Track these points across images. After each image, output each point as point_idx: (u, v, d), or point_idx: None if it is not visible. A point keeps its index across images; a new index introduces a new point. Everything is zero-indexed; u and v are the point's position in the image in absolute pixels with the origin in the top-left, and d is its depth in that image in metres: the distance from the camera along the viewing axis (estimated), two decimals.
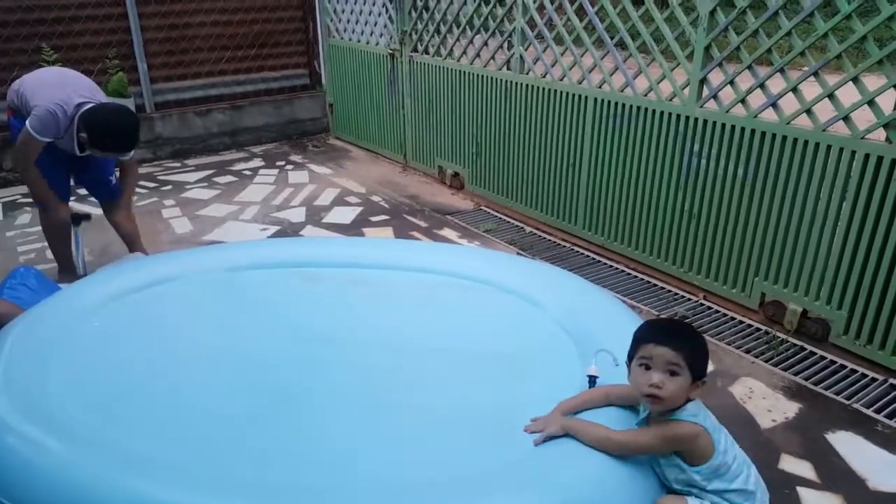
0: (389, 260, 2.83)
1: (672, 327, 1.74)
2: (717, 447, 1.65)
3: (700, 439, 1.63)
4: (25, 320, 2.27)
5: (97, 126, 2.90)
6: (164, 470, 1.66)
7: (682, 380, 1.61)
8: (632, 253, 3.72)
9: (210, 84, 5.87)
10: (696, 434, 1.63)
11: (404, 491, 1.62)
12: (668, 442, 1.65)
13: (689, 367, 1.62)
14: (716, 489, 1.67)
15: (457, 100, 4.66)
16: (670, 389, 1.61)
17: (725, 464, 1.66)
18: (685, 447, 1.65)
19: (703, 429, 1.63)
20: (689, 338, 1.66)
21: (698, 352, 1.65)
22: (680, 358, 1.61)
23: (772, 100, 2.94)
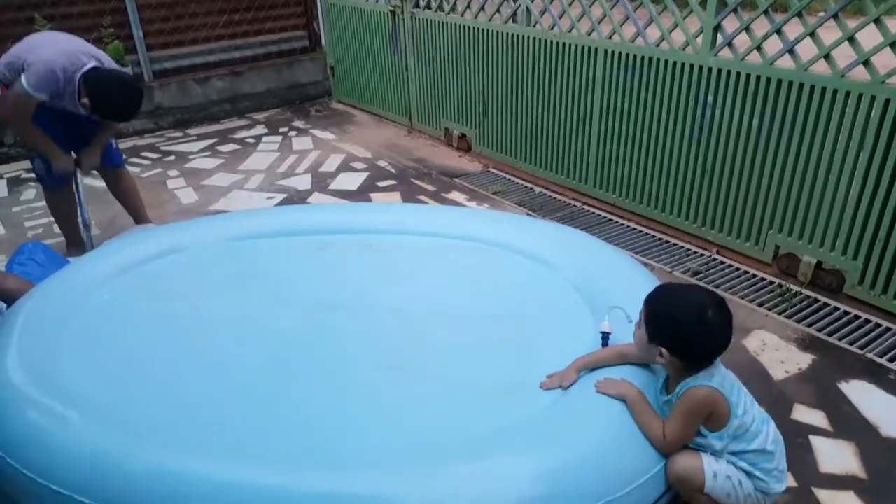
0: (398, 225, 2.80)
1: (663, 287, 1.73)
2: (734, 410, 1.63)
3: (719, 403, 1.62)
4: (37, 295, 2.27)
5: (101, 94, 2.84)
6: (177, 438, 1.68)
7: (640, 332, 1.68)
8: (644, 210, 3.67)
9: (208, 50, 5.76)
10: (706, 396, 1.61)
11: (417, 454, 1.63)
12: (689, 416, 1.64)
13: (646, 323, 1.66)
14: (733, 451, 1.67)
15: (462, 57, 4.55)
16: (635, 333, 1.71)
17: (744, 425, 1.65)
18: (704, 412, 1.63)
19: (715, 390, 1.61)
20: (655, 300, 1.67)
21: (655, 317, 1.65)
22: (643, 310, 1.68)
23: (788, 46, 2.85)
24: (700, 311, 1.60)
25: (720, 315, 1.60)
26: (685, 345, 1.62)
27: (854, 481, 2.03)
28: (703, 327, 1.59)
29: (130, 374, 1.95)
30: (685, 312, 1.61)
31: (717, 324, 1.60)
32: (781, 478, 1.72)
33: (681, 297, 1.67)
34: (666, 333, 1.63)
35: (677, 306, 1.64)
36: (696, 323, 1.59)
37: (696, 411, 1.63)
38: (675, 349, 1.62)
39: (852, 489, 2.00)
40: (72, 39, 3.03)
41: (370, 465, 1.59)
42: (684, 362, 1.64)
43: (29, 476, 1.64)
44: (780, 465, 1.72)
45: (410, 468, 1.58)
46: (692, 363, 1.64)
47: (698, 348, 1.62)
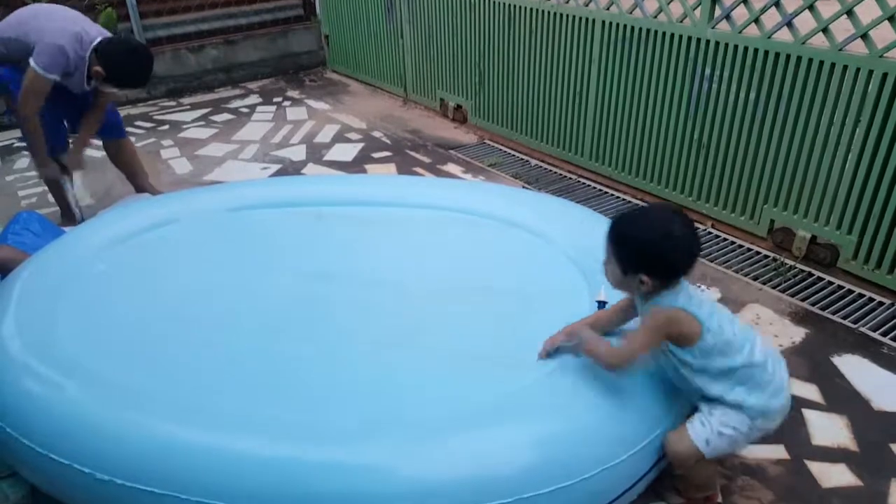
0: (394, 197, 2.80)
1: (620, 216, 1.67)
2: (706, 326, 1.60)
3: (682, 322, 1.60)
4: (32, 265, 2.27)
5: (119, 62, 2.85)
6: (171, 407, 1.69)
7: (612, 267, 1.64)
8: (639, 183, 3.67)
9: (201, 18, 5.67)
10: (672, 316, 1.60)
11: (411, 425, 1.64)
12: (653, 331, 1.62)
13: (614, 255, 1.62)
14: (720, 369, 1.63)
15: (458, 27, 4.50)
16: (606, 271, 1.67)
17: (721, 343, 1.61)
18: (670, 331, 1.62)
19: (681, 309, 1.60)
20: (618, 229, 1.62)
21: (622, 246, 1.61)
22: (608, 245, 1.64)
23: (787, 19, 2.83)
24: (665, 225, 1.58)
25: (684, 224, 1.59)
26: (660, 262, 1.58)
27: (846, 454, 2.06)
28: (673, 240, 1.57)
29: (125, 343, 1.96)
30: (652, 230, 1.59)
31: (684, 233, 1.58)
32: (780, 391, 1.68)
33: (642, 219, 1.64)
34: (639, 257, 1.59)
35: (642, 228, 1.60)
36: (665, 238, 1.57)
37: (658, 328, 1.62)
38: (652, 270, 1.58)
39: (844, 462, 2.03)
40: (68, 14, 2.98)
41: (363, 435, 1.60)
42: (663, 281, 1.60)
43: (26, 444, 1.66)
44: (775, 376, 1.67)
45: (405, 439, 1.60)
46: (671, 279, 1.61)
47: (673, 262, 1.58)
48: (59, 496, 1.73)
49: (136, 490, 1.54)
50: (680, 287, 1.62)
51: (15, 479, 1.92)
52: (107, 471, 1.57)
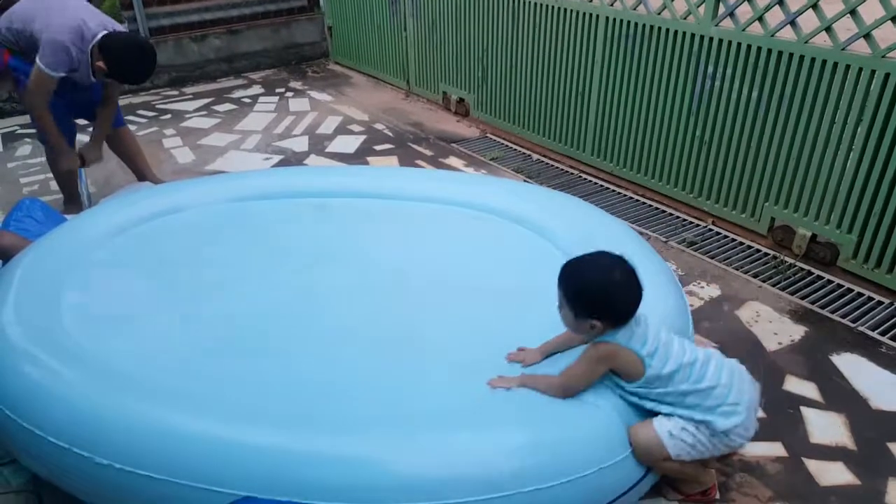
0: (397, 189, 2.80)
1: (569, 263, 1.74)
2: (647, 363, 1.66)
3: (618, 357, 1.67)
4: (34, 252, 2.27)
5: (121, 58, 2.84)
6: (170, 394, 1.70)
7: (564, 311, 1.70)
8: (641, 179, 3.68)
9: (204, 7, 5.66)
10: (611, 351, 1.67)
11: (408, 420, 1.65)
12: (590, 362, 1.69)
13: (567, 303, 1.68)
14: (662, 394, 1.69)
15: (462, 21, 4.49)
16: (562, 316, 1.72)
17: (664, 375, 1.67)
18: (610, 366, 1.70)
19: (619, 345, 1.66)
20: (566, 277, 1.69)
21: (572, 292, 1.67)
22: (559, 292, 1.70)
23: (790, 17, 2.83)
24: (608, 272, 1.66)
25: (626, 271, 1.66)
26: (607, 307, 1.65)
27: (844, 452, 2.07)
28: (615, 285, 1.65)
29: (126, 331, 1.97)
30: (595, 277, 1.67)
31: (626, 279, 1.65)
32: (732, 413, 1.69)
33: (586, 266, 1.70)
34: (587, 303, 1.66)
35: (587, 274, 1.68)
36: (608, 283, 1.65)
37: (594, 360, 1.69)
38: (601, 315, 1.65)
39: (842, 460, 2.04)
40: (70, 3, 2.95)
41: (358, 429, 1.61)
42: (612, 324, 1.66)
43: (27, 428, 1.67)
44: (726, 398, 1.69)
45: (400, 434, 1.60)
46: (620, 323, 1.67)
47: (619, 305, 1.65)
48: (58, 482, 1.74)
49: (133, 475, 1.55)
50: (628, 328, 1.68)
51: (16, 465, 1.93)
52: (105, 455, 1.58)
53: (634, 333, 1.69)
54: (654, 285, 2.08)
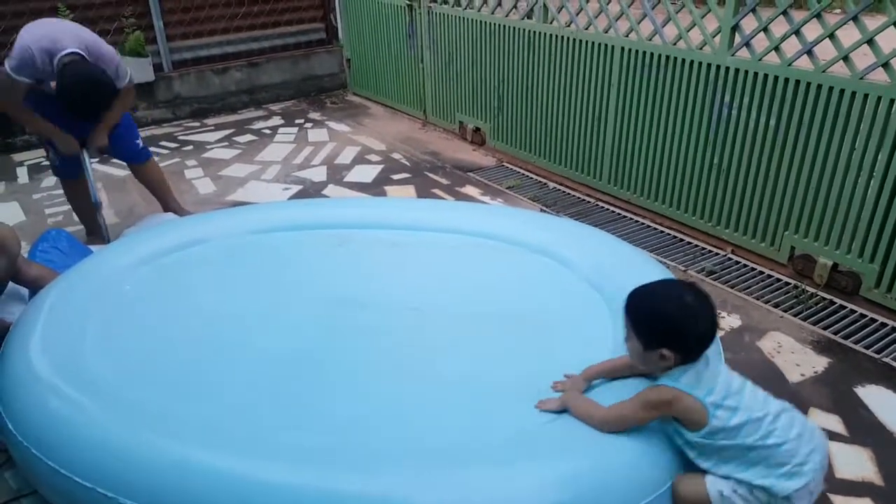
0: (417, 221, 2.81)
1: (638, 290, 1.67)
2: (713, 412, 1.55)
3: (679, 402, 1.57)
4: (60, 285, 2.31)
5: (64, 84, 2.78)
6: (195, 432, 1.70)
7: (632, 343, 1.64)
8: (658, 207, 3.67)
9: (226, 41, 5.80)
10: (672, 397, 1.57)
11: (433, 456, 1.63)
12: (644, 406, 1.60)
13: (636, 332, 1.62)
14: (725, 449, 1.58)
15: (478, 52, 4.56)
16: (629, 348, 1.66)
17: (731, 427, 1.55)
18: (665, 411, 1.60)
19: (681, 391, 1.56)
20: (634, 305, 1.63)
21: (641, 320, 1.61)
22: (627, 322, 1.64)
23: (807, 47, 2.84)
24: (681, 298, 1.59)
25: (698, 297, 1.59)
26: (679, 337, 1.57)
27: (870, 488, 2.02)
28: (689, 312, 1.57)
29: (151, 365, 1.99)
30: (668, 303, 1.59)
31: (700, 306, 1.58)
32: (797, 474, 1.56)
33: (657, 292, 1.64)
34: (659, 332, 1.58)
35: (658, 301, 1.61)
36: (682, 310, 1.57)
37: (650, 404, 1.60)
38: (673, 345, 1.57)
39: (868, 496, 2.00)
40: (65, 24, 2.99)
41: (384, 466, 1.59)
42: (684, 358, 1.58)
43: (51, 466, 1.67)
44: (793, 458, 1.57)
45: (426, 471, 1.58)
46: (692, 354, 1.58)
47: (693, 334, 1.57)
48: None
49: None
50: (694, 367, 1.59)
51: (37, 496, 1.94)
52: (130, 495, 1.57)
53: (702, 377, 1.58)
54: None
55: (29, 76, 2.84)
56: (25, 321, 2.12)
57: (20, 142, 4.92)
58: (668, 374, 1.60)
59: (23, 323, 2.12)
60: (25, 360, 1.93)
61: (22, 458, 1.80)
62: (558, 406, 1.75)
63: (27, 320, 2.12)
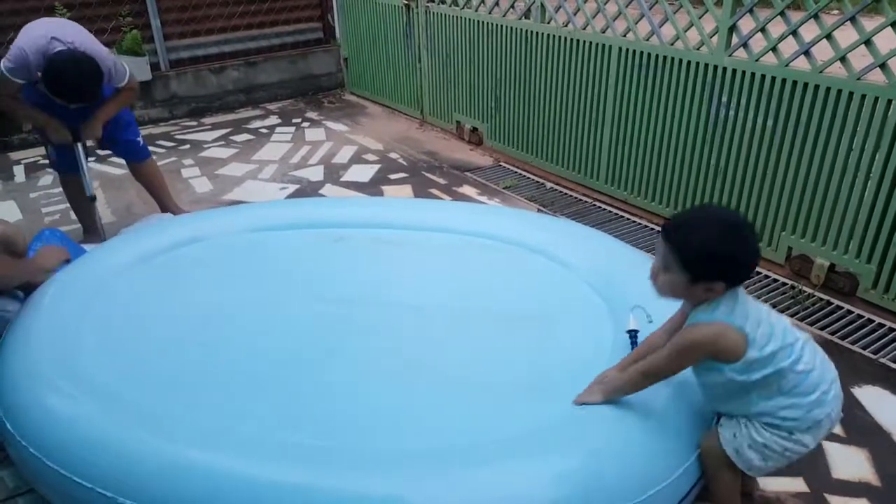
0: (414, 220, 2.81)
1: (679, 220, 1.58)
2: (750, 339, 1.50)
3: (723, 337, 1.50)
4: (57, 283, 2.30)
5: (50, 68, 2.76)
6: (191, 432, 1.70)
7: (673, 276, 1.53)
8: (655, 208, 3.67)
9: (224, 40, 5.79)
10: (715, 333, 1.50)
11: (431, 456, 1.62)
12: (685, 352, 1.54)
13: (682, 264, 1.50)
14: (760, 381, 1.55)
15: (475, 52, 4.55)
16: (660, 282, 1.57)
17: (766, 356, 1.52)
18: (709, 351, 1.53)
19: (724, 324, 1.50)
20: (683, 237, 1.51)
21: (691, 253, 1.49)
22: (669, 252, 1.52)
23: (804, 47, 2.84)
24: (729, 224, 1.51)
25: (741, 220, 1.53)
26: (733, 266, 1.49)
27: (867, 488, 2.02)
28: (740, 238, 1.49)
29: (148, 365, 1.98)
30: (721, 234, 1.48)
31: (745, 227, 1.52)
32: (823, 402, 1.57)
33: (702, 219, 1.55)
34: (714, 264, 1.48)
35: (713, 232, 1.49)
36: (733, 238, 1.49)
37: (691, 348, 1.54)
38: (725, 276, 1.48)
39: (865, 496, 1.99)
40: (62, 24, 2.98)
41: (383, 465, 1.58)
42: (729, 285, 1.50)
43: (49, 465, 1.67)
44: (819, 386, 1.56)
45: (425, 470, 1.57)
46: (738, 281, 1.52)
47: (744, 263, 1.50)
48: None
49: None
50: (731, 294, 1.53)
51: (34, 494, 1.93)
52: (126, 494, 1.56)
53: (736, 306, 1.51)
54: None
55: (24, 77, 2.86)
56: (23, 319, 2.11)
57: (17, 140, 4.91)
58: (703, 308, 1.54)
59: (20, 321, 2.11)
60: (23, 358, 1.92)
61: (19, 456, 1.79)
62: (592, 395, 1.71)
63: (24, 318, 2.11)
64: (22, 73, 2.84)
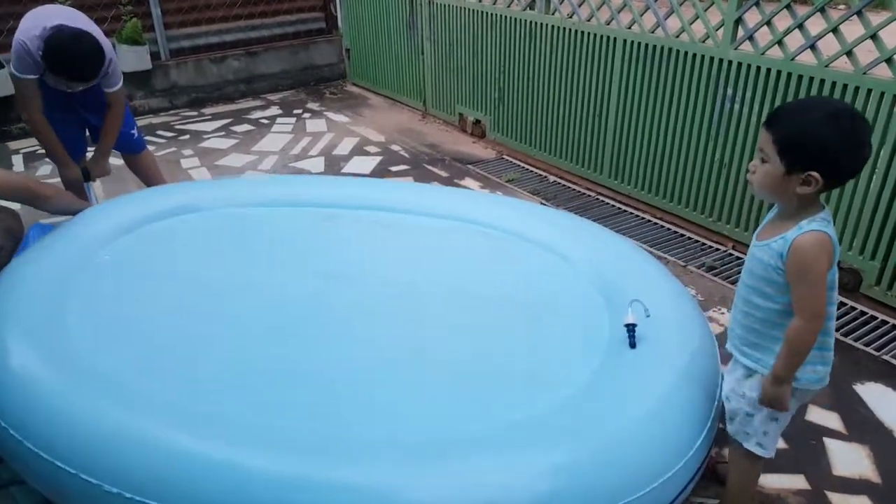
0: (408, 203, 2.77)
1: (782, 107, 1.47)
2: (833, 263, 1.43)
3: (829, 250, 1.42)
4: (37, 255, 2.26)
5: (50, 47, 2.69)
6: (180, 416, 1.67)
7: (769, 168, 1.44)
8: (659, 202, 3.65)
9: (225, 30, 5.75)
10: (825, 243, 1.40)
11: (424, 445, 1.60)
12: (823, 278, 1.42)
13: (777, 150, 1.41)
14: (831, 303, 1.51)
15: (478, 43, 4.52)
16: (757, 176, 1.48)
17: (832, 282, 1.47)
18: (829, 262, 1.43)
19: (827, 235, 1.41)
20: (785, 120, 1.42)
21: (791, 137, 1.39)
22: (768, 141, 1.43)
23: (810, 41, 2.81)
24: (842, 113, 1.38)
25: (856, 112, 1.41)
26: (836, 157, 1.37)
27: (867, 485, 2.02)
28: (851, 129, 1.37)
29: (130, 342, 1.94)
30: (829, 119, 1.37)
31: (860, 120, 1.40)
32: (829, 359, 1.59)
33: (816, 107, 1.42)
34: (815, 150, 1.37)
35: (818, 116, 1.38)
36: (843, 126, 1.37)
37: (820, 258, 1.41)
38: (826, 167, 1.37)
39: (866, 493, 1.99)
40: (62, 11, 2.93)
41: (373, 454, 1.56)
42: (828, 183, 1.41)
43: (32, 450, 1.65)
44: (831, 339, 1.59)
45: (419, 459, 1.56)
46: (841, 181, 1.44)
47: (838, 153, 1.37)
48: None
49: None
50: (825, 212, 1.46)
51: (27, 486, 1.92)
52: (109, 481, 1.55)
53: (830, 222, 1.43)
54: (675, 309, 2.07)
55: (31, 70, 2.80)
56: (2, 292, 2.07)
57: (16, 129, 4.88)
58: (815, 217, 1.44)
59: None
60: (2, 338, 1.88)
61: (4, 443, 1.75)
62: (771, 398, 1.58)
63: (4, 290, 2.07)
64: (26, 64, 2.78)
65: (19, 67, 2.80)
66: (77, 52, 2.71)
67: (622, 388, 1.76)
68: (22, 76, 2.81)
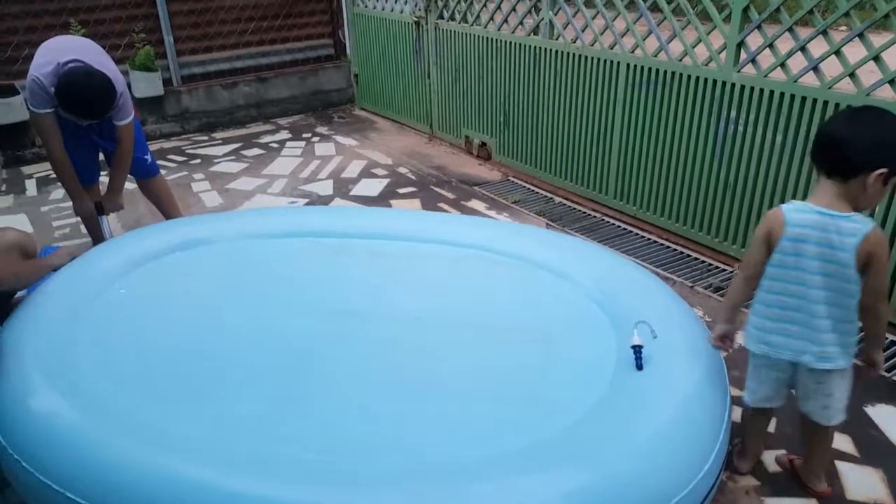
0: (417, 232, 2.80)
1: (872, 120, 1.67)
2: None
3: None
4: (51, 287, 2.29)
5: (62, 85, 2.75)
6: (189, 445, 1.67)
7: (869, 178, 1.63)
8: (664, 223, 3.66)
9: (235, 56, 5.86)
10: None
11: (435, 471, 1.60)
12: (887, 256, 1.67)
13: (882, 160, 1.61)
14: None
15: (484, 68, 4.58)
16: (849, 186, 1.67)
17: None
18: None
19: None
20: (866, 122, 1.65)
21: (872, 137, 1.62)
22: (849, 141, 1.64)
23: (813, 63, 2.83)
24: (851, 110, 1.70)
25: (866, 109, 1.69)
26: (821, 144, 1.67)
27: None
28: (845, 120, 1.67)
29: (144, 376, 1.96)
30: (837, 115, 1.73)
31: (859, 118, 1.66)
32: None
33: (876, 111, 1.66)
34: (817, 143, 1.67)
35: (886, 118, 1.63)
36: (842, 118, 1.68)
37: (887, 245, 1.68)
38: (821, 159, 1.67)
39: None
40: (74, 43, 2.99)
41: (386, 482, 1.56)
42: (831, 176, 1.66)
43: (41, 479, 1.66)
44: None
45: (428, 486, 1.55)
46: (833, 168, 1.66)
47: (831, 143, 1.65)
48: None
49: None
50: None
51: None
52: None
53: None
54: (681, 329, 2.07)
55: (46, 105, 2.85)
56: (16, 324, 2.09)
57: (30, 154, 4.97)
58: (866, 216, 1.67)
59: (13, 326, 2.09)
60: (17, 370, 1.90)
61: (11, 470, 1.77)
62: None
63: (17, 323, 2.09)
64: (41, 99, 2.83)
65: (35, 103, 2.85)
66: (88, 91, 2.78)
67: (629, 411, 1.76)
68: (39, 111, 2.87)
